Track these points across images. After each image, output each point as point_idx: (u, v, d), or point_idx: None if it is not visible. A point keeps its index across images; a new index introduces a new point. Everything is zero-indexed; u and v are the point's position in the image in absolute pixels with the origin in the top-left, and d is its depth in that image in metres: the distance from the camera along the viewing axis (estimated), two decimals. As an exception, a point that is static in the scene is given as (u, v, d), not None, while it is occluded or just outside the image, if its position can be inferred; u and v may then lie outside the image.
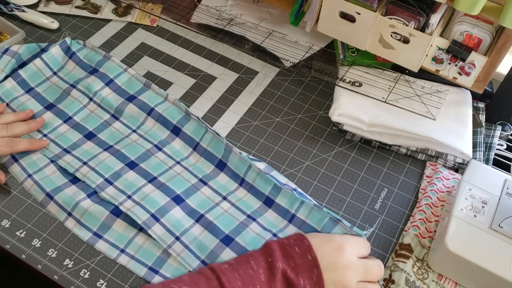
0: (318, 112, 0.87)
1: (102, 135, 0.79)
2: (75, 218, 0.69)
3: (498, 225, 0.64)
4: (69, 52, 0.89)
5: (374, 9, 0.79)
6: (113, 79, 0.84)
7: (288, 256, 0.58)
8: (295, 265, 0.57)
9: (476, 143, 0.81)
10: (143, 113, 0.80)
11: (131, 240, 0.67)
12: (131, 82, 0.85)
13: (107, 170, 0.74)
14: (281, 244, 0.60)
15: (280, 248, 0.59)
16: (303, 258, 0.58)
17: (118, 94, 0.83)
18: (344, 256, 0.59)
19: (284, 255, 0.58)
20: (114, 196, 0.70)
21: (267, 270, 0.57)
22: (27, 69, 0.84)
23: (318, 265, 0.57)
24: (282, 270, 0.57)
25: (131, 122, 0.81)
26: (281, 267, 0.57)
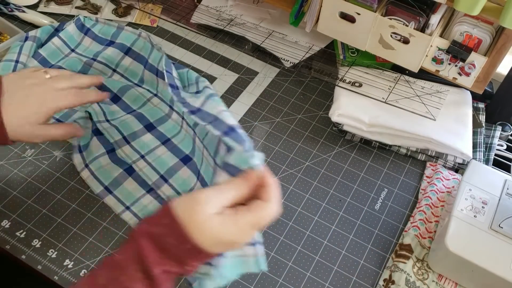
0: (318, 113, 0.87)
1: (126, 98, 0.82)
2: (90, 170, 0.74)
3: (498, 226, 0.64)
4: (84, 29, 0.92)
5: (374, 9, 0.79)
6: (130, 47, 0.87)
7: (164, 250, 0.45)
8: (176, 257, 0.45)
9: (476, 144, 0.81)
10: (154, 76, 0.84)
11: (138, 200, 0.71)
12: (145, 46, 0.87)
13: (127, 129, 0.77)
14: (151, 237, 0.45)
15: (152, 244, 0.45)
16: (182, 249, 0.45)
17: (139, 62, 0.86)
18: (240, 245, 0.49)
19: (160, 251, 0.45)
20: (129, 154, 0.74)
21: (146, 281, 0.44)
22: (46, 48, 0.88)
23: (204, 252, 0.45)
24: (162, 271, 0.45)
25: (152, 87, 0.84)
26: (159, 271, 0.44)
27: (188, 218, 0.45)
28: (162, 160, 0.73)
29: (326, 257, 0.69)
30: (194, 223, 0.44)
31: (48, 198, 0.73)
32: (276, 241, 0.70)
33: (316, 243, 0.71)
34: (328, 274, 0.68)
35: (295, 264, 0.68)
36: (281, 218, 0.73)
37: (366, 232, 0.72)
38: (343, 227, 0.73)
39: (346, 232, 0.72)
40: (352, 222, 0.73)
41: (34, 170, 0.76)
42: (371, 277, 0.68)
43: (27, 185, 0.74)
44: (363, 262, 0.69)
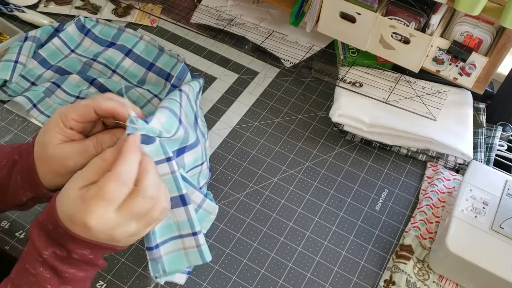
0: (319, 113, 0.87)
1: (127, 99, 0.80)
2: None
3: (499, 226, 0.64)
4: (84, 30, 0.92)
5: (374, 9, 0.78)
6: (131, 49, 0.87)
7: (49, 236, 0.47)
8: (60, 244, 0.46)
9: (477, 144, 0.81)
10: (162, 80, 0.84)
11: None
12: (148, 49, 0.88)
13: None
14: (38, 224, 0.47)
15: (39, 231, 0.47)
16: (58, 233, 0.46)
17: (139, 64, 0.86)
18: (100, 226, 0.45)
19: (46, 237, 0.47)
20: None
21: (45, 265, 0.46)
22: (46, 49, 0.88)
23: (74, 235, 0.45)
24: (51, 254, 0.46)
25: (153, 89, 0.84)
26: (49, 254, 0.46)
27: (58, 197, 0.46)
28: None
29: (326, 257, 0.69)
30: (62, 201, 0.45)
31: (47, 198, 0.72)
32: (277, 241, 0.70)
33: (316, 243, 0.70)
34: (328, 275, 0.67)
35: (295, 265, 0.68)
36: (282, 219, 0.73)
37: (367, 232, 0.72)
38: (343, 227, 0.72)
39: (347, 232, 0.72)
40: (353, 222, 0.73)
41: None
42: (372, 278, 0.67)
43: (26, 185, 0.74)
44: (364, 263, 0.69)
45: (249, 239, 0.70)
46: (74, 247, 0.46)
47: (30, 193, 0.53)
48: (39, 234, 0.46)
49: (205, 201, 0.61)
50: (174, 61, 0.85)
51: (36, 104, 0.80)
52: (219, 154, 0.80)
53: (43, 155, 0.51)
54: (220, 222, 0.72)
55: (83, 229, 0.44)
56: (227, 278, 0.66)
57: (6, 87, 0.83)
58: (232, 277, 0.67)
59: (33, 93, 0.81)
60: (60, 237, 0.46)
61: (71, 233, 0.45)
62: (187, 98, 0.65)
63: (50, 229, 0.46)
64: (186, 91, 0.65)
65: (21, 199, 0.53)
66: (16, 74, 0.83)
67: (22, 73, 0.84)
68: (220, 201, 0.74)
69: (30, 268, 0.46)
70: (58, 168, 0.51)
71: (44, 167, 0.51)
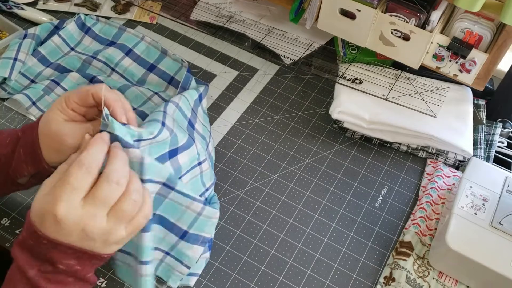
0: (319, 110, 0.87)
1: (126, 96, 0.78)
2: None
3: (498, 223, 0.64)
4: (85, 28, 0.92)
5: (374, 6, 0.78)
6: (131, 48, 0.87)
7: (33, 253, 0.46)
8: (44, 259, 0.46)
9: (477, 141, 0.81)
10: (164, 82, 0.84)
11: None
12: (149, 50, 0.87)
13: None
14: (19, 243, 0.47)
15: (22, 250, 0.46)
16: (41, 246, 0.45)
17: (139, 64, 0.86)
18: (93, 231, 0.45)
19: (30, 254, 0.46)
20: None
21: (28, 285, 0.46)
22: (46, 46, 0.88)
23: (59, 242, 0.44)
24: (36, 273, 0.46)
25: (154, 89, 0.84)
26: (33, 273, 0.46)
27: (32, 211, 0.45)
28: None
29: (326, 254, 0.69)
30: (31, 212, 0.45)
31: (47, 196, 0.72)
32: (277, 238, 0.70)
33: (316, 240, 0.71)
34: (328, 271, 0.68)
35: (296, 261, 0.68)
36: (282, 216, 0.73)
37: (367, 229, 0.72)
38: (343, 224, 0.72)
39: (347, 229, 0.72)
40: (353, 219, 0.73)
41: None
42: (372, 274, 0.68)
43: (26, 183, 0.74)
44: (364, 260, 0.69)
45: (249, 236, 0.71)
46: (58, 257, 0.45)
47: (31, 168, 0.55)
48: (22, 254, 0.46)
49: (205, 208, 0.61)
50: (178, 65, 0.85)
51: (35, 102, 0.80)
52: (219, 151, 0.80)
53: (46, 131, 0.54)
54: (220, 219, 0.72)
55: (54, 224, 0.44)
56: (227, 275, 0.67)
57: (6, 84, 0.83)
58: (232, 274, 0.67)
59: (33, 90, 0.81)
60: (41, 248, 0.45)
61: (48, 237, 0.44)
62: (176, 106, 0.67)
63: (31, 244, 0.45)
64: (175, 101, 0.67)
65: (22, 173, 0.55)
66: (15, 72, 0.82)
67: (21, 71, 0.84)
68: (220, 198, 0.74)
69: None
70: (57, 145, 0.53)
71: (45, 143, 0.54)
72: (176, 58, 0.86)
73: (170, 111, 0.64)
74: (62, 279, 0.46)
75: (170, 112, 0.64)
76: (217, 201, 0.70)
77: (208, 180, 0.69)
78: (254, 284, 0.66)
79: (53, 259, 0.45)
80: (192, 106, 0.73)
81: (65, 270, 0.46)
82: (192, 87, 0.78)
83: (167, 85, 0.85)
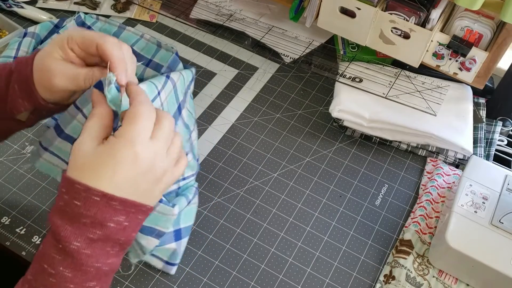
0: (319, 108, 0.87)
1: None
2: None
3: (498, 221, 0.64)
4: (85, 26, 0.92)
5: (374, 4, 0.78)
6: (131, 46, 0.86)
7: (76, 218, 0.43)
8: (92, 219, 0.43)
9: (477, 139, 0.81)
10: (158, 74, 0.81)
11: None
12: (148, 47, 0.87)
13: None
14: (59, 211, 0.44)
15: (62, 218, 0.43)
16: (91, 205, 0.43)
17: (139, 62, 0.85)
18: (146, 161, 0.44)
19: (72, 222, 0.43)
20: None
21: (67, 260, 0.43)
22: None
23: (111, 197, 0.43)
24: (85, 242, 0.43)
25: None
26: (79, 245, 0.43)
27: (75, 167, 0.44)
28: None
29: (326, 253, 0.69)
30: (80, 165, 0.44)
31: (48, 194, 0.72)
32: (277, 237, 0.70)
33: (316, 239, 0.71)
34: (328, 270, 0.68)
35: (296, 260, 0.68)
36: (282, 214, 0.73)
37: (367, 228, 0.72)
38: (343, 223, 0.73)
39: (347, 228, 0.72)
40: (353, 218, 0.73)
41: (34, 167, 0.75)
42: (372, 272, 0.68)
43: (26, 181, 0.74)
44: (364, 258, 0.69)
45: (249, 234, 0.71)
46: (109, 215, 0.43)
47: (28, 104, 0.52)
48: (63, 222, 0.43)
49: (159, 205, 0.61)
50: (170, 55, 0.85)
51: None
52: (219, 149, 0.80)
53: (40, 66, 0.51)
54: (220, 217, 0.72)
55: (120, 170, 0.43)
56: (227, 274, 0.67)
57: None
58: (232, 272, 0.67)
59: None
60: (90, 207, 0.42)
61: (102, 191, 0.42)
62: (172, 87, 0.64)
63: (77, 206, 0.42)
64: (174, 79, 0.63)
65: (19, 109, 0.52)
66: None
67: None
68: (220, 197, 0.74)
69: (48, 268, 0.43)
70: (46, 82, 0.51)
71: (36, 77, 0.51)
72: (168, 48, 0.85)
73: (165, 92, 0.62)
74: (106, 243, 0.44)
75: (165, 93, 0.62)
76: (192, 192, 0.67)
77: (189, 170, 0.68)
78: (254, 283, 0.66)
79: (103, 218, 0.43)
80: (185, 88, 0.72)
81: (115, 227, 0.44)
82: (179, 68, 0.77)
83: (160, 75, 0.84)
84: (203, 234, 0.70)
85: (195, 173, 0.71)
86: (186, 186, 0.69)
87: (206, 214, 0.72)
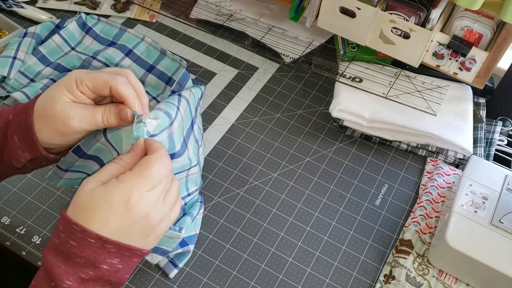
0: (318, 108, 0.87)
1: None
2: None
3: (498, 221, 0.64)
4: (86, 27, 0.92)
5: (374, 4, 0.78)
6: (131, 49, 0.87)
7: (70, 257, 0.44)
8: (85, 260, 0.44)
9: (477, 139, 0.81)
10: (162, 83, 0.83)
11: None
12: (149, 51, 0.87)
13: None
14: (54, 248, 0.45)
15: (56, 256, 0.44)
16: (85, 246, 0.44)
17: (138, 65, 0.86)
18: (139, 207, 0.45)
19: (65, 261, 0.44)
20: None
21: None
22: (47, 45, 0.88)
23: (106, 240, 0.44)
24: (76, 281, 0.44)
25: (152, 91, 0.83)
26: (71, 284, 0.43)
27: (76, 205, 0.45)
28: None
29: (326, 253, 0.69)
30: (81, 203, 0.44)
31: (48, 194, 0.72)
32: (277, 237, 0.70)
33: (316, 239, 0.71)
34: (328, 269, 0.68)
35: (296, 260, 0.68)
36: (282, 214, 0.73)
37: (367, 227, 0.72)
38: (343, 222, 0.73)
39: (347, 227, 0.72)
40: (353, 217, 0.73)
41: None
42: (372, 272, 0.68)
43: (26, 181, 0.74)
44: (364, 258, 0.69)
45: (249, 234, 0.71)
46: (103, 257, 0.44)
47: (28, 154, 0.51)
48: (57, 260, 0.43)
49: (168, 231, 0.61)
50: (176, 65, 0.85)
51: None
52: (219, 149, 0.80)
53: (47, 112, 0.49)
54: (220, 217, 0.72)
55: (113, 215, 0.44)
56: (227, 273, 0.67)
57: (5, 83, 0.83)
58: (232, 272, 0.67)
59: (31, 89, 0.81)
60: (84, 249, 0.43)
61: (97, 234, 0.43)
62: (186, 103, 0.65)
63: (72, 246, 0.43)
64: (186, 96, 0.65)
65: (19, 159, 0.52)
66: (14, 71, 0.82)
67: (21, 70, 0.84)
68: (220, 197, 0.74)
69: None
70: (61, 127, 0.49)
71: (45, 125, 0.50)
72: (174, 58, 0.86)
73: (182, 108, 0.63)
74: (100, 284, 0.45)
75: (182, 109, 0.63)
76: (197, 209, 0.69)
77: (193, 185, 0.68)
78: (254, 282, 0.66)
79: (97, 260, 0.44)
80: (196, 104, 0.73)
81: (108, 269, 0.44)
82: (188, 86, 0.78)
83: (165, 85, 0.84)
84: (203, 234, 0.70)
85: (198, 188, 0.71)
86: (191, 203, 0.69)
87: (206, 214, 0.72)
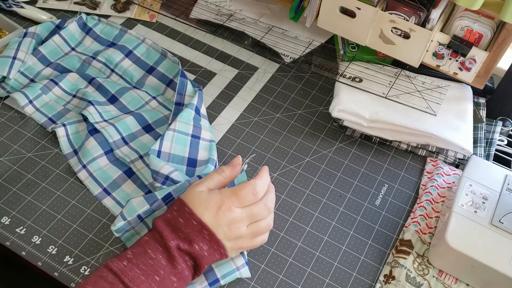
0: (318, 108, 0.87)
1: (123, 99, 0.82)
2: (88, 171, 0.73)
3: (498, 221, 0.64)
4: (86, 28, 0.92)
5: (374, 4, 0.78)
6: (132, 50, 0.88)
7: (176, 230, 0.58)
8: (185, 235, 0.57)
9: (477, 139, 0.81)
10: (163, 85, 0.85)
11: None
12: (150, 53, 0.88)
13: (125, 130, 0.77)
14: (166, 220, 0.59)
15: (166, 225, 0.58)
16: (189, 226, 0.58)
17: (138, 66, 0.86)
18: (225, 214, 0.59)
19: (172, 230, 0.58)
20: (127, 154, 0.75)
21: (164, 253, 0.56)
22: (47, 46, 0.88)
23: (205, 226, 0.57)
24: (176, 246, 0.57)
25: (152, 92, 0.85)
26: (173, 244, 0.56)
27: (187, 197, 0.60)
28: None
29: (326, 253, 0.69)
30: (190, 197, 0.60)
31: (48, 194, 0.72)
32: (277, 236, 0.70)
33: (316, 239, 0.71)
34: (328, 270, 0.68)
35: (295, 260, 0.68)
36: (282, 214, 0.73)
37: (367, 227, 0.72)
38: (343, 223, 0.73)
39: (347, 228, 0.72)
40: (353, 217, 0.73)
41: (34, 167, 0.75)
42: (372, 272, 0.68)
43: (26, 181, 0.74)
44: (364, 258, 0.69)
45: (249, 234, 0.71)
46: (198, 239, 0.57)
47: None
48: (167, 228, 0.57)
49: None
50: (176, 67, 0.85)
51: (32, 100, 0.80)
52: (219, 149, 0.80)
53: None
54: (220, 217, 0.72)
55: (217, 213, 0.58)
56: (227, 273, 0.67)
57: (5, 83, 0.83)
58: (232, 272, 0.67)
59: (30, 89, 0.81)
60: (188, 227, 0.57)
61: (200, 220, 0.57)
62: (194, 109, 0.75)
63: (179, 222, 0.57)
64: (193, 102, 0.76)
65: None
66: (14, 71, 0.82)
67: (21, 70, 0.84)
68: (220, 197, 0.74)
69: (151, 252, 0.56)
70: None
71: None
72: (174, 60, 0.86)
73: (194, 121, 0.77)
74: (189, 258, 0.57)
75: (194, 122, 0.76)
76: None
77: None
78: (254, 283, 0.66)
79: (193, 239, 0.57)
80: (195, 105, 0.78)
81: (197, 249, 0.57)
82: (189, 91, 0.81)
83: (166, 87, 0.85)
84: (203, 234, 0.70)
85: None
86: None
87: (206, 214, 0.72)
